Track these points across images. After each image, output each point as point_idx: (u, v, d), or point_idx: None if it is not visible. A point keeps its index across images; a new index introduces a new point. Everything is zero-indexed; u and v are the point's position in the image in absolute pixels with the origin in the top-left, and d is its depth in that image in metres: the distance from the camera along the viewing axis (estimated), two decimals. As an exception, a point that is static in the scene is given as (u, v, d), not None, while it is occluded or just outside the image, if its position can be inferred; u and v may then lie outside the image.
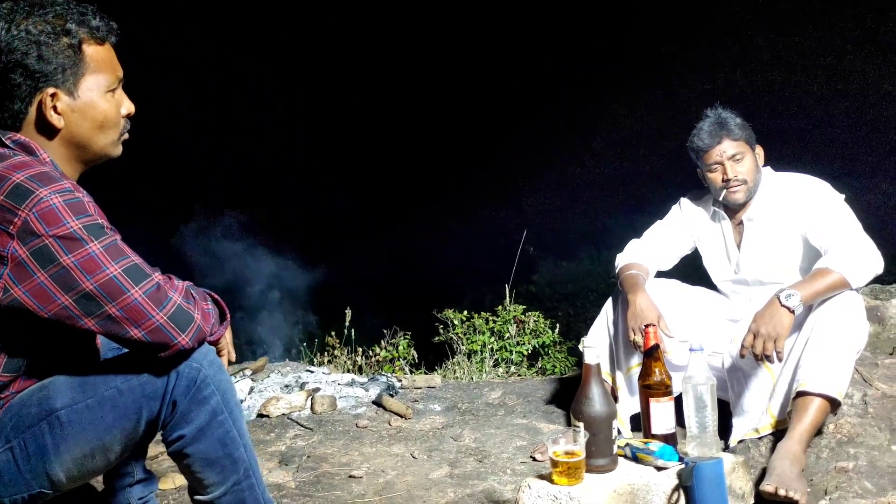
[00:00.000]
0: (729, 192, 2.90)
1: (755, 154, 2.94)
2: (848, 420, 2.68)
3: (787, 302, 2.53)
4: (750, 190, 2.90)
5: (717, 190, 2.94)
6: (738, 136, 2.89)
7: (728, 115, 2.93)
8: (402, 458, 3.25)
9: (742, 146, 2.89)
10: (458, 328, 5.50)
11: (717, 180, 2.92)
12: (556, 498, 1.98)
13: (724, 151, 2.88)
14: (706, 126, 2.92)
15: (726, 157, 2.88)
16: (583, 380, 2.08)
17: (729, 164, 2.88)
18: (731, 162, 2.88)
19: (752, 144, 2.94)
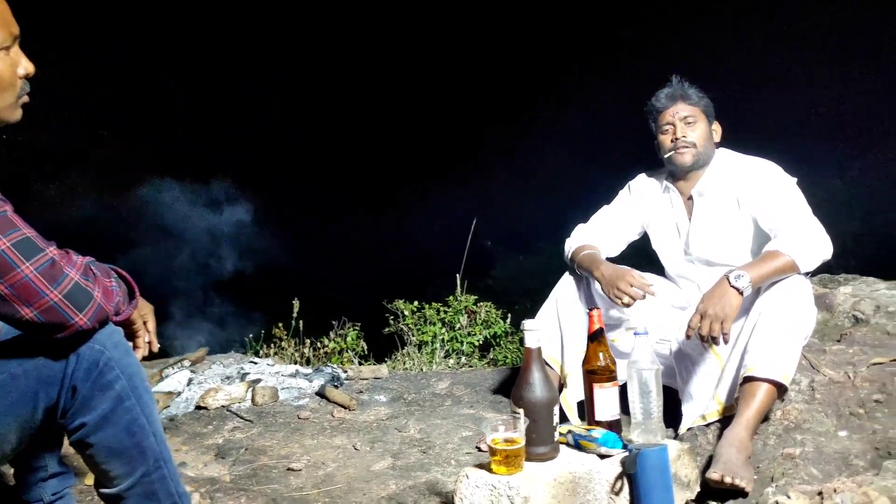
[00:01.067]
0: (676, 153, 2.85)
1: (711, 128, 2.91)
2: (795, 406, 2.64)
3: (737, 283, 2.48)
4: (699, 155, 2.85)
5: (666, 151, 2.89)
6: (695, 103, 2.88)
7: (690, 85, 2.91)
8: (344, 450, 3.14)
9: (697, 112, 2.87)
10: (409, 319, 5.40)
11: (667, 141, 2.89)
12: (495, 487, 1.89)
13: (678, 112, 2.86)
14: (666, 90, 2.93)
15: (679, 117, 2.85)
16: (523, 365, 1.99)
17: (680, 125, 2.86)
18: (682, 123, 2.86)
19: (710, 117, 2.92)
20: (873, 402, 2.63)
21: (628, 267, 2.78)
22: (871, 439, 2.45)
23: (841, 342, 3.21)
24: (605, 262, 2.83)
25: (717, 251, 2.88)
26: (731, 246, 2.86)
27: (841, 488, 1.90)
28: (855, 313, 3.42)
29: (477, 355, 5.21)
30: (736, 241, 2.86)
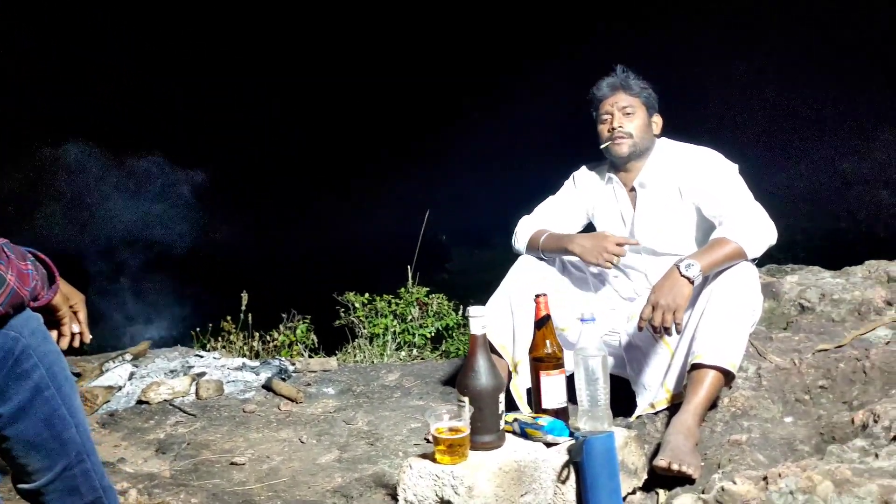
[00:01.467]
0: (613, 143, 2.84)
1: (651, 119, 2.89)
2: (742, 393, 2.64)
3: (687, 272, 2.46)
4: (635, 146, 2.84)
5: (603, 140, 2.88)
6: (636, 94, 2.87)
7: (634, 76, 2.89)
8: (290, 443, 3.08)
9: (637, 103, 2.86)
10: (360, 311, 5.33)
11: (605, 131, 2.88)
12: (439, 478, 1.85)
13: (617, 102, 2.85)
14: (608, 79, 2.90)
15: (618, 108, 2.84)
16: (468, 352, 1.95)
17: (618, 115, 2.84)
18: (620, 113, 2.84)
19: (651, 108, 2.90)
20: (818, 388, 2.65)
21: (604, 232, 2.79)
22: (816, 425, 2.46)
23: (787, 330, 3.24)
24: (577, 235, 2.82)
25: (662, 240, 2.87)
26: (676, 235, 2.85)
27: (786, 473, 1.89)
28: (801, 301, 3.45)
29: (429, 347, 5.16)
30: (680, 230, 2.85)
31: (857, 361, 2.67)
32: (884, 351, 2.70)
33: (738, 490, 1.89)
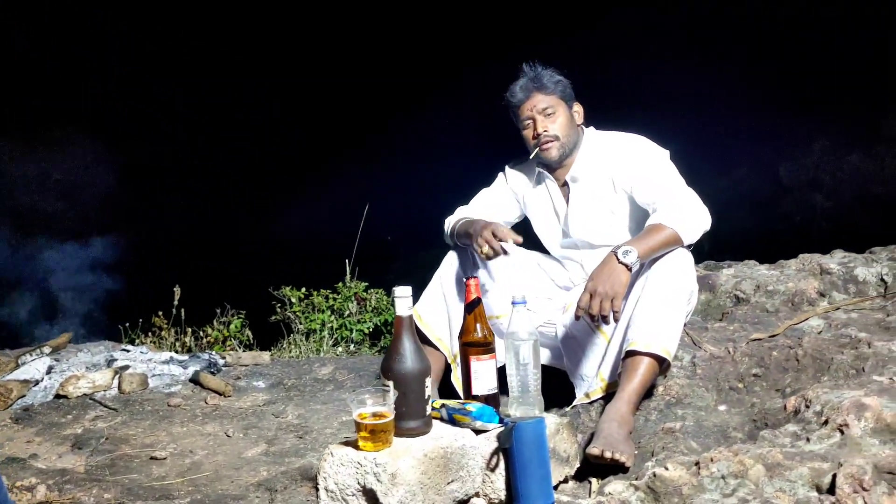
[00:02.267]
0: (541, 149, 2.77)
1: (572, 111, 2.82)
2: (677, 381, 2.62)
3: (625, 258, 2.41)
4: (564, 146, 2.78)
5: (531, 147, 2.81)
6: (551, 91, 2.77)
7: (544, 71, 2.80)
8: (215, 437, 2.95)
9: (555, 101, 2.77)
10: (296, 306, 5.20)
11: (530, 136, 2.80)
12: (361, 465, 1.76)
13: (535, 105, 2.75)
14: (520, 81, 2.79)
15: (537, 111, 2.75)
16: (394, 334, 1.87)
17: (539, 119, 2.75)
18: (541, 116, 2.75)
19: (569, 101, 2.82)
20: (752, 376, 2.63)
21: (499, 222, 2.68)
22: (749, 412, 2.45)
23: (723, 320, 3.23)
24: (478, 220, 2.73)
25: (598, 233, 2.82)
26: (611, 227, 2.81)
27: (717, 458, 1.85)
28: (736, 293, 3.45)
29: (367, 343, 5.06)
30: (615, 221, 2.81)
31: (789, 350, 2.66)
32: (816, 339, 2.71)
33: (671, 476, 1.85)
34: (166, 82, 6.40)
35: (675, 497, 1.82)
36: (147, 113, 6.40)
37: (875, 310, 3.14)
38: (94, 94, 6.03)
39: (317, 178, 6.38)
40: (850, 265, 3.49)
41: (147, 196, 6.27)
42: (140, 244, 5.81)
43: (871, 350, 2.49)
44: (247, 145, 6.56)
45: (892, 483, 1.65)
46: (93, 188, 5.72)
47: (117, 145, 5.97)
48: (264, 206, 6.50)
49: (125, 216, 5.83)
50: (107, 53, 6.07)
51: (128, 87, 6.32)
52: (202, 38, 6.51)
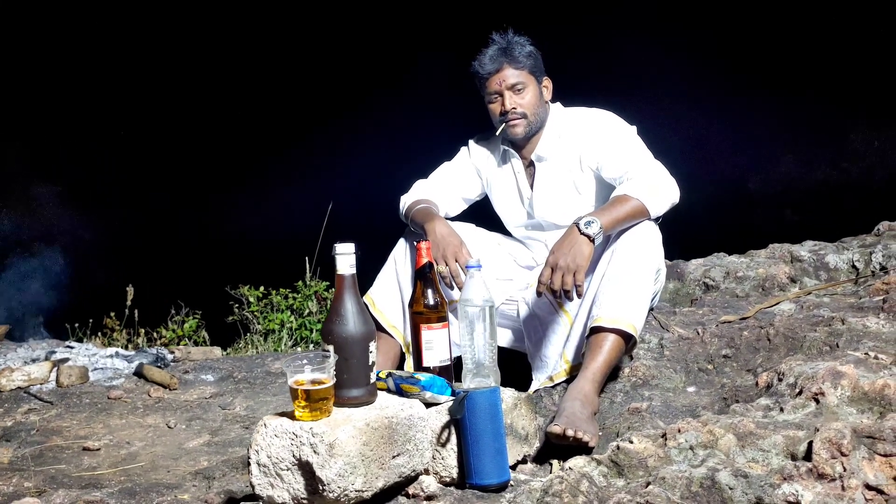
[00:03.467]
0: (508, 126, 2.63)
1: (541, 87, 2.69)
2: (643, 363, 2.48)
3: (587, 230, 2.28)
4: (531, 124, 2.64)
5: (497, 123, 2.67)
6: (522, 65, 2.62)
7: (516, 40, 2.66)
8: (156, 428, 2.78)
9: (525, 76, 2.63)
10: (254, 306, 5.02)
11: (496, 112, 2.65)
12: (297, 436, 1.60)
13: (505, 80, 2.61)
14: (490, 51, 2.63)
15: (506, 86, 2.61)
16: (335, 294, 1.71)
17: (508, 95, 2.61)
18: (510, 92, 2.61)
19: (539, 76, 2.68)
20: (722, 357, 2.51)
21: (462, 240, 2.49)
22: (719, 393, 2.32)
23: (692, 306, 3.12)
24: (440, 219, 2.56)
25: (564, 214, 2.67)
26: (578, 208, 2.66)
27: (685, 428, 1.72)
28: (706, 280, 3.34)
29: (328, 344, 4.87)
30: (581, 201, 2.67)
31: (760, 329, 2.54)
32: (788, 318, 2.59)
33: (636, 448, 1.71)
34: (111, 68, 6.17)
35: (639, 470, 1.68)
36: (94, 101, 6.16)
37: (847, 294, 3.03)
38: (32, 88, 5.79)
39: (277, 171, 6.18)
40: (821, 252, 3.40)
41: (96, 191, 6.04)
42: (90, 242, 5.59)
43: (845, 326, 2.37)
44: (200, 135, 6.33)
45: (873, 448, 1.52)
46: (39, 183, 5.50)
47: (63, 137, 5.75)
48: (221, 200, 6.29)
49: (73, 214, 5.60)
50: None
51: (73, 71, 6.07)
52: (146, 16, 6.27)
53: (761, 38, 8.18)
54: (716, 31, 7.94)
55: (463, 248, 2.47)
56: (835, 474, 1.47)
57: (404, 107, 6.35)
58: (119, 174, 6.30)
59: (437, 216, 2.60)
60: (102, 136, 6.19)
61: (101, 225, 5.65)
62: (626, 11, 7.35)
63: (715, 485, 1.52)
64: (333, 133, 6.47)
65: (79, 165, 5.89)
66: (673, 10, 7.71)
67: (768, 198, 10.19)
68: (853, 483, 1.46)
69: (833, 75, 8.02)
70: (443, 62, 4.50)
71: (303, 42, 6.65)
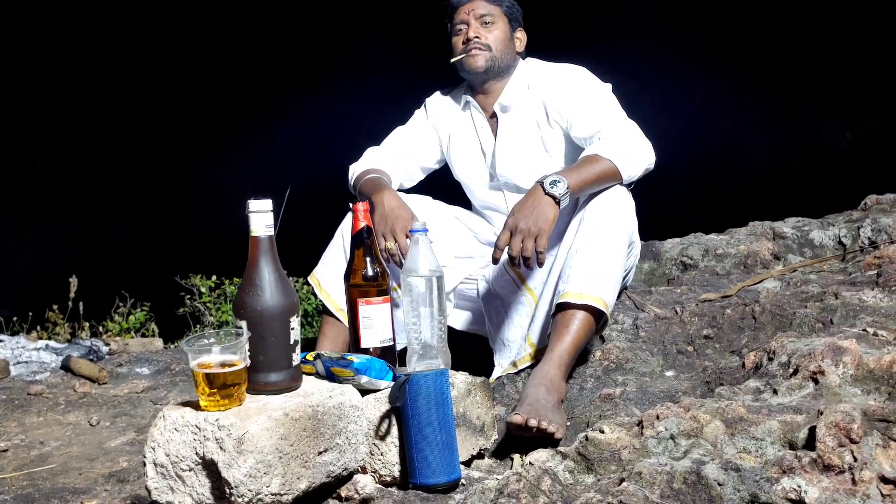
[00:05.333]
0: (468, 56, 2.38)
1: (514, 34, 2.45)
2: (616, 345, 2.23)
3: (553, 189, 2.01)
4: (493, 61, 2.39)
5: (457, 53, 2.42)
6: (496, 2, 2.40)
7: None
8: (76, 427, 2.48)
9: (497, 12, 2.40)
10: (206, 297, 4.72)
11: (459, 43, 2.42)
12: (200, 430, 1.32)
13: (474, 10, 2.38)
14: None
15: (474, 15, 2.38)
16: (249, 261, 1.44)
17: (474, 24, 2.38)
18: (477, 22, 2.38)
19: (514, 21, 2.45)
20: (703, 338, 2.26)
21: (413, 213, 2.21)
22: (702, 376, 2.07)
23: (669, 285, 2.88)
24: (390, 191, 2.28)
25: (528, 172, 2.42)
26: (544, 167, 2.41)
27: (665, 414, 1.46)
28: (683, 259, 3.10)
29: (286, 336, 4.59)
30: (547, 159, 2.42)
31: (745, 307, 2.30)
32: (775, 295, 2.36)
33: (607, 439, 1.46)
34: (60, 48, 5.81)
35: (612, 464, 1.42)
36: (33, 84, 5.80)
37: (835, 271, 2.81)
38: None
39: (230, 148, 5.83)
40: (805, 229, 3.18)
41: (35, 175, 5.69)
42: (31, 229, 5.25)
43: (839, 301, 2.14)
44: (143, 110, 5.96)
45: (888, 433, 1.28)
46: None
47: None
48: (171, 181, 5.95)
49: (8, 199, 5.25)
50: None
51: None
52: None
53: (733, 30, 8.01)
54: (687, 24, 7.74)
55: (414, 222, 2.19)
56: (843, 465, 1.23)
57: (354, 78, 6.03)
58: (54, 156, 5.94)
59: (387, 187, 2.32)
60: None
61: (43, 214, 5.31)
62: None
63: (701, 480, 1.27)
64: (292, 107, 6.14)
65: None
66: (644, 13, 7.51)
67: (740, 190, 10.05)
68: (866, 475, 1.21)
69: (807, 68, 7.88)
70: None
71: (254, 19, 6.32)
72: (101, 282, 4.95)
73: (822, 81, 7.49)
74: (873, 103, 7.31)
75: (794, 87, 7.80)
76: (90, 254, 5.28)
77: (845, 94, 7.44)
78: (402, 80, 4.30)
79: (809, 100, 7.99)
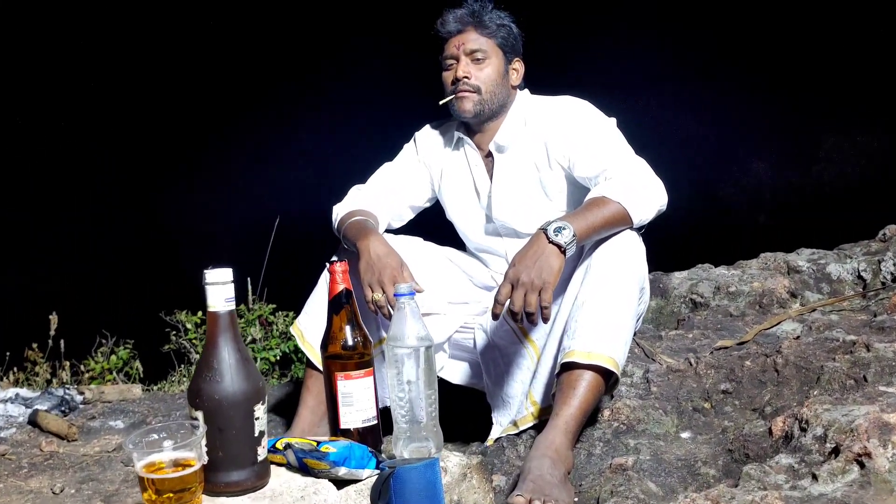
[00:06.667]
0: (455, 98, 2.19)
1: (509, 66, 2.25)
2: (627, 403, 2.03)
3: (558, 237, 1.82)
4: (483, 103, 2.19)
5: (446, 94, 2.22)
6: (490, 33, 2.19)
7: (492, 8, 2.22)
8: (38, 495, 2.27)
9: (490, 46, 2.19)
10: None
11: (448, 80, 2.22)
12: (147, 545, 1.12)
13: (465, 43, 2.17)
14: (457, 11, 2.20)
15: (465, 51, 2.18)
16: (206, 338, 1.25)
17: (464, 62, 2.17)
18: (467, 59, 2.18)
19: (509, 54, 2.24)
20: (720, 393, 2.07)
21: (402, 261, 2.00)
22: (722, 440, 1.88)
23: (679, 328, 2.68)
24: (377, 236, 2.07)
25: (527, 217, 2.23)
26: (543, 209, 2.22)
27: (690, 509, 1.26)
28: (693, 297, 2.92)
29: (276, 374, 4.41)
30: (548, 202, 2.23)
31: (766, 358, 2.11)
32: (798, 344, 2.16)
33: (623, 538, 1.26)
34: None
35: (630, 572, 1.22)
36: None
37: (857, 310, 2.63)
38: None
39: (214, 178, 5.66)
40: (821, 262, 3.00)
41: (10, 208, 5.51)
42: (9, 264, 5.06)
43: (872, 354, 1.94)
44: (125, 136, 5.79)
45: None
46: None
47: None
48: (152, 217, 5.77)
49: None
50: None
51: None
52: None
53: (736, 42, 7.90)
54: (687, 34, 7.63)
55: (404, 271, 1.99)
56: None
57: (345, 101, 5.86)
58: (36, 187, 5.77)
59: (374, 232, 2.12)
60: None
61: (21, 246, 5.13)
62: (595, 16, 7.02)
63: None
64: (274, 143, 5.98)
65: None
66: (644, 13, 7.40)
67: (741, 203, 9.95)
68: None
69: (806, 81, 7.77)
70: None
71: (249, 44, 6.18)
72: (84, 317, 4.77)
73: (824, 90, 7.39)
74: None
75: (794, 92, 7.67)
76: (74, 288, 5.09)
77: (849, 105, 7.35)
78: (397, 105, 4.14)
79: (810, 106, 7.87)
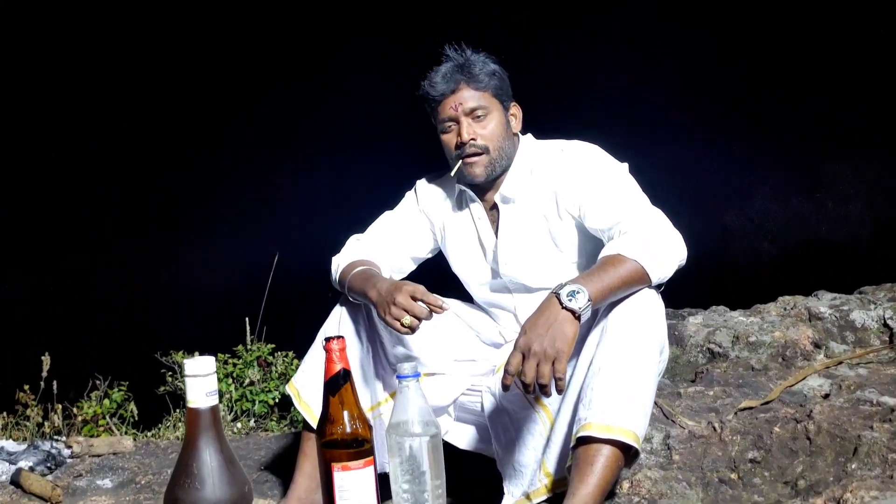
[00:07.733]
0: (465, 164, 2.06)
1: (508, 114, 2.12)
2: (647, 474, 1.89)
3: (571, 302, 1.68)
4: (494, 162, 2.06)
5: (451, 159, 2.09)
6: (484, 85, 2.06)
7: (477, 58, 2.09)
8: (16, 569, 2.13)
9: (488, 99, 2.05)
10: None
11: (451, 144, 2.08)
12: None
13: (462, 103, 2.04)
14: (443, 68, 2.07)
15: (463, 111, 2.04)
16: (186, 437, 1.11)
17: (466, 123, 2.04)
18: (468, 119, 2.04)
19: (506, 100, 2.11)
20: (748, 462, 1.93)
21: (417, 284, 1.90)
22: (752, 518, 1.73)
23: (697, 382, 2.54)
24: (381, 278, 1.97)
25: (536, 270, 2.09)
26: (553, 261, 2.09)
27: None
28: (710, 346, 2.78)
29: (274, 416, 4.25)
30: (558, 254, 2.09)
31: (796, 424, 1.97)
32: (830, 408, 2.01)
33: None
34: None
35: None
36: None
37: (885, 363, 2.49)
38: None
39: (211, 218, 5.56)
40: (844, 308, 2.86)
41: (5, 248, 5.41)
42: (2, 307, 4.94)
43: (912, 423, 1.80)
44: (125, 136, 5.68)
45: None
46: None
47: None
48: (148, 255, 5.66)
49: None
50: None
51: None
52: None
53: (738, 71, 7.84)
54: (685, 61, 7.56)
55: (409, 285, 1.86)
56: None
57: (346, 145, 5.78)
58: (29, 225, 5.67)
59: (379, 276, 2.00)
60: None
61: (12, 287, 5.01)
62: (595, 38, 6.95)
63: None
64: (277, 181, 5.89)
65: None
66: (645, 37, 7.33)
67: (745, 230, 9.87)
68: None
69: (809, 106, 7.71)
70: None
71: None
72: (78, 359, 4.64)
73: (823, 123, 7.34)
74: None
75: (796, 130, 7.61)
76: (66, 331, 4.97)
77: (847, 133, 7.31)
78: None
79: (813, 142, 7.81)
